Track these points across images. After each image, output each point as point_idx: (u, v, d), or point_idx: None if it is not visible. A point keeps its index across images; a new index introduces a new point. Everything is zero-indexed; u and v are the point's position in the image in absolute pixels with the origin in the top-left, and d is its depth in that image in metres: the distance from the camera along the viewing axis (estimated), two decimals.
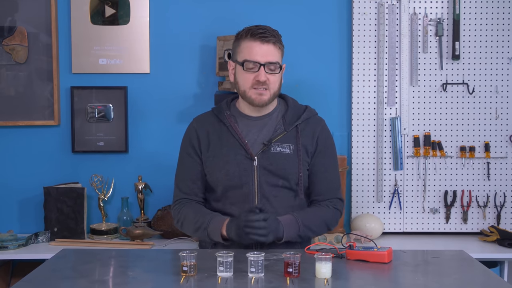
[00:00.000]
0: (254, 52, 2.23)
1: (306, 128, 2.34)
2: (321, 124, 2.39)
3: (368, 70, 3.13)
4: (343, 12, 3.15)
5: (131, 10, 3.14)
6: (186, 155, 2.37)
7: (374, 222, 3.04)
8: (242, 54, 2.26)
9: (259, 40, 2.23)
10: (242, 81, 2.27)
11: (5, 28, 3.12)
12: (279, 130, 2.30)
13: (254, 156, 2.26)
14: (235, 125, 2.31)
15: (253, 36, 2.24)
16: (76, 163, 3.18)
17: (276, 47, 2.26)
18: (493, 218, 3.14)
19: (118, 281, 1.85)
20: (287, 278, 1.79)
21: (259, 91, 2.25)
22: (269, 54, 2.24)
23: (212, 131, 2.33)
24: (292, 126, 2.31)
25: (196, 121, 2.40)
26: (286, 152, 2.28)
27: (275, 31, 2.29)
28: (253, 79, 2.24)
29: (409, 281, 1.85)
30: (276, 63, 2.25)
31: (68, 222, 3.02)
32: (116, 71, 3.15)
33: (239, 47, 2.29)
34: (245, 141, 2.27)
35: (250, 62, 2.23)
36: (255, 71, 2.24)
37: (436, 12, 3.11)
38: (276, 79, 2.27)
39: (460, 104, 3.13)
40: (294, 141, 2.30)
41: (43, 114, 3.14)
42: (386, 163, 3.13)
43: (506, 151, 3.13)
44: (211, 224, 2.21)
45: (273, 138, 2.27)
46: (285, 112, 2.35)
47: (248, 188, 2.26)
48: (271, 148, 2.27)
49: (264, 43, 2.23)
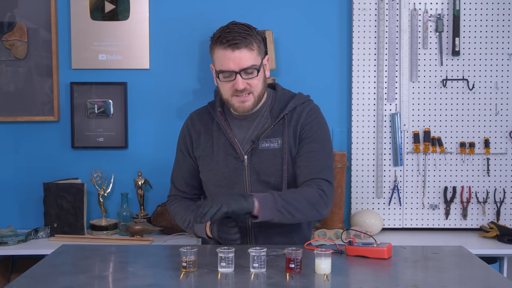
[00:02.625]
0: (226, 61, 2.12)
1: (293, 117, 2.23)
2: (307, 109, 2.25)
3: (368, 66, 3.12)
4: (343, 8, 3.15)
5: (131, 5, 3.13)
6: (180, 152, 2.37)
7: (373, 218, 3.04)
8: (216, 63, 2.17)
9: (229, 48, 2.11)
10: (223, 90, 2.20)
11: (4, 24, 3.11)
12: (266, 124, 2.23)
13: (244, 156, 2.22)
14: (226, 123, 2.26)
15: (223, 44, 2.12)
16: (75, 159, 3.18)
17: (249, 49, 2.13)
18: (493, 214, 3.15)
19: (118, 277, 1.85)
20: (287, 274, 1.79)
21: (241, 98, 2.17)
22: (242, 60, 2.12)
23: (204, 129, 2.31)
24: (279, 118, 2.22)
25: (190, 118, 2.38)
26: (275, 147, 2.21)
27: (247, 29, 2.15)
28: (232, 87, 2.16)
29: (408, 277, 1.85)
30: (252, 67, 2.14)
31: (68, 218, 3.03)
32: (115, 66, 3.15)
33: (213, 54, 2.19)
34: (235, 140, 2.23)
35: (225, 72, 2.15)
36: (232, 79, 2.14)
37: (436, 8, 3.10)
38: (257, 81, 2.17)
39: (460, 100, 3.13)
40: (282, 134, 2.22)
41: (43, 110, 3.14)
42: (386, 159, 3.13)
43: (506, 147, 3.13)
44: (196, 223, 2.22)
45: (260, 135, 2.22)
46: (272, 105, 2.27)
47: (238, 188, 2.22)
48: (260, 144, 2.21)
49: (235, 50, 2.11)
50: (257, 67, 2.16)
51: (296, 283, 1.73)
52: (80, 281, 1.77)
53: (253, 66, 2.15)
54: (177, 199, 2.38)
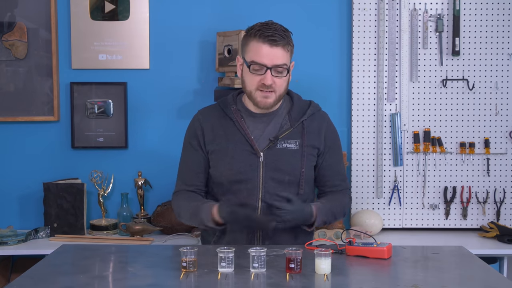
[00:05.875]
0: (261, 54, 2.18)
1: (312, 124, 2.33)
2: (326, 119, 2.39)
3: (368, 66, 3.12)
4: (343, 8, 3.15)
5: (131, 5, 3.13)
6: (189, 146, 2.36)
7: (373, 218, 3.04)
8: (249, 54, 2.22)
9: (268, 43, 2.17)
10: (249, 81, 2.24)
11: (4, 24, 3.11)
12: (286, 126, 2.29)
13: (260, 152, 2.26)
14: (242, 120, 2.30)
15: (262, 38, 2.18)
16: (75, 159, 3.18)
17: (285, 49, 2.20)
18: (493, 214, 3.15)
19: (118, 277, 1.85)
20: (287, 274, 1.80)
21: (265, 93, 2.22)
22: (277, 58, 2.19)
23: (217, 124, 2.32)
24: (298, 122, 2.30)
25: (201, 113, 2.39)
26: (292, 148, 2.28)
27: (286, 31, 2.23)
28: (259, 81, 2.20)
29: (408, 277, 1.85)
30: (284, 66, 2.20)
31: (68, 218, 3.03)
32: (115, 66, 3.15)
33: (247, 46, 2.24)
34: (251, 137, 2.27)
35: (257, 64, 2.19)
36: (262, 73, 2.20)
37: (436, 8, 3.10)
38: (282, 82, 2.24)
39: (460, 100, 3.13)
40: (300, 137, 2.30)
41: (43, 110, 3.14)
42: (386, 159, 3.13)
43: (506, 147, 3.13)
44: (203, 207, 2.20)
45: (279, 135, 2.27)
46: (290, 108, 2.34)
47: (252, 183, 2.25)
48: (277, 144, 2.27)
49: (273, 47, 2.18)
50: (288, 67, 2.24)
51: (296, 283, 1.73)
52: (80, 281, 1.77)
53: (285, 65, 2.21)
54: (184, 193, 2.34)
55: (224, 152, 2.28)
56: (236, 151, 2.27)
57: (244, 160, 2.26)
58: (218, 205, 2.18)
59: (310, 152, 2.30)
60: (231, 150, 2.28)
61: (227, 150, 2.28)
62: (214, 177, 2.32)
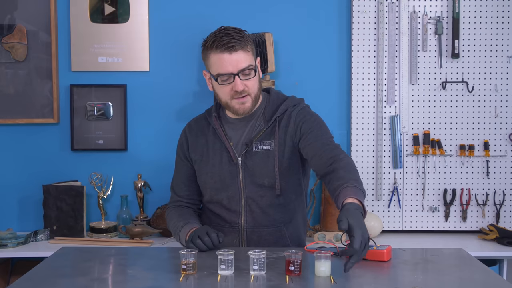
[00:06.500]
0: (224, 64, 2.15)
1: (284, 119, 2.26)
2: (297, 109, 2.27)
3: (367, 69, 3.13)
4: (342, 10, 3.15)
5: (131, 8, 3.13)
6: (178, 159, 2.41)
7: (373, 221, 3.04)
8: (213, 67, 2.19)
9: (226, 51, 2.14)
10: (221, 93, 2.22)
11: (4, 26, 3.11)
12: (259, 127, 2.26)
13: (238, 158, 2.25)
14: (220, 127, 2.30)
15: (219, 48, 2.15)
16: (75, 161, 3.18)
17: (245, 51, 2.17)
18: (492, 216, 3.15)
19: (118, 279, 1.85)
20: (286, 276, 1.79)
21: (240, 99, 2.20)
22: (240, 62, 2.15)
23: (201, 134, 2.34)
24: (271, 121, 2.26)
25: (188, 125, 2.42)
26: (268, 149, 2.24)
27: (240, 32, 2.19)
28: (231, 90, 2.18)
29: (408, 279, 1.85)
30: (249, 67, 2.17)
31: (68, 220, 3.02)
32: (115, 69, 3.15)
33: (208, 59, 2.21)
34: (229, 144, 2.27)
35: (223, 74, 2.17)
36: (231, 82, 2.17)
37: (435, 10, 3.11)
38: (254, 82, 2.21)
39: (460, 103, 3.13)
40: (274, 136, 2.25)
41: (43, 112, 3.14)
42: (385, 161, 3.13)
43: (505, 149, 3.13)
44: (182, 230, 2.24)
45: (254, 137, 2.25)
46: (265, 108, 2.30)
47: (233, 190, 2.26)
48: (254, 147, 2.25)
49: (233, 53, 2.14)
50: (254, 67, 2.20)
51: (295, 286, 1.73)
52: (80, 284, 1.77)
53: (250, 66, 2.19)
54: (176, 206, 2.39)
55: (206, 161, 2.30)
56: (216, 159, 2.28)
57: (224, 167, 2.26)
58: (190, 233, 2.17)
59: (283, 149, 2.23)
60: (212, 158, 2.29)
61: (208, 158, 2.30)
62: (200, 186, 2.35)
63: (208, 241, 2.08)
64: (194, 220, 2.29)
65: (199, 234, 2.10)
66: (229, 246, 2.19)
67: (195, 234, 2.12)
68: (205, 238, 2.09)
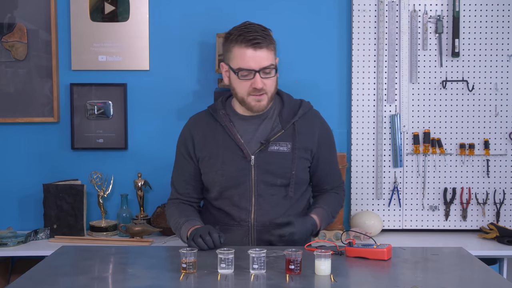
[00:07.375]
0: (247, 59, 2.17)
1: (304, 125, 2.31)
2: (318, 118, 2.37)
3: (367, 67, 3.13)
4: (342, 9, 3.15)
5: (131, 7, 3.13)
6: (180, 155, 2.38)
7: (373, 219, 3.04)
8: (235, 61, 2.20)
9: (251, 47, 2.16)
10: (239, 88, 2.23)
11: (4, 25, 3.11)
12: (277, 129, 2.28)
13: (251, 156, 2.24)
14: (231, 125, 2.29)
15: (244, 42, 2.16)
16: (75, 160, 3.18)
17: (269, 49, 2.19)
18: (493, 215, 3.15)
19: (118, 278, 1.85)
20: (287, 275, 1.79)
21: (257, 97, 2.21)
22: (263, 60, 2.17)
23: (207, 131, 2.32)
24: (289, 124, 2.28)
25: (191, 121, 2.40)
26: (284, 151, 2.26)
27: (265, 30, 2.21)
28: (250, 86, 2.20)
29: (408, 278, 1.85)
30: (271, 66, 2.20)
31: (68, 219, 3.02)
32: (115, 68, 3.15)
33: (231, 53, 2.22)
34: (241, 141, 2.26)
35: (245, 70, 2.18)
36: (251, 78, 2.18)
37: (436, 9, 3.11)
38: (272, 82, 2.23)
39: (460, 102, 3.13)
40: (291, 139, 2.28)
41: (43, 111, 3.14)
42: (385, 160, 3.13)
43: (505, 148, 3.13)
44: (183, 227, 2.24)
45: (270, 137, 2.26)
46: (281, 109, 2.32)
47: (244, 187, 2.25)
48: (269, 147, 2.26)
49: (257, 49, 2.16)
50: (275, 67, 2.23)
51: (296, 284, 1.73)
52: (80, 282, 1.77)
53: (272, 65, 2.21)
54: (177, 203, 2.38)
55: (215, 158, 2.28)
56: (227, 156, 2.27)
57: (235, 164, 2.26)
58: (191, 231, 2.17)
59: (301, 155, 2.28)
60: (222, 155, 2.27)
61: (218, 155, 2.28)
62: (206, 183, 2.33)
63: (209, 241, 2.08)
64: (196, 217, 2.29)
65: (201, 233, 2.10)
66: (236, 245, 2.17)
67: (196, 233, 2.12)
68: (207, 237, 2.09)
